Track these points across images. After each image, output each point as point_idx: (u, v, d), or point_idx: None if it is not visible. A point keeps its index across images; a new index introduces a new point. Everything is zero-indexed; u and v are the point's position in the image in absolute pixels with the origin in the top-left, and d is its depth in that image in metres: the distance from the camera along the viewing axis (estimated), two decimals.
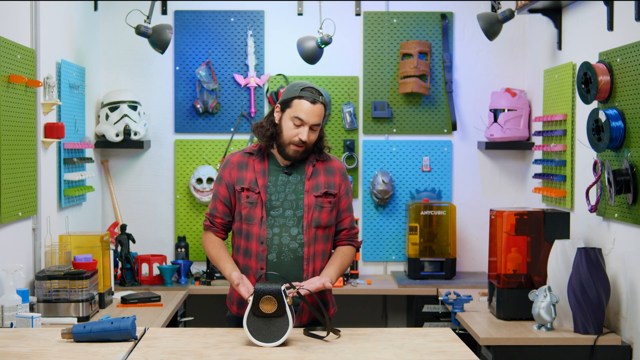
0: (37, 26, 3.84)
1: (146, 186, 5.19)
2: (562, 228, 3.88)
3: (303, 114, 3.12)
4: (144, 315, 3.90)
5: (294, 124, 3.13)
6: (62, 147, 4.23)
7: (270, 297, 2.75)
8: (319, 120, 3.14)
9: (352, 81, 5.20)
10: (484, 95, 5.16)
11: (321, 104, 3.15)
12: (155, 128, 5.19)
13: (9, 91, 3.46)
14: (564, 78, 4.33)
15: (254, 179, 3.19)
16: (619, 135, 3.55)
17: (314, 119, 3.13)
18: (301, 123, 3.13)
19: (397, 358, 2.63)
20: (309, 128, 3.13)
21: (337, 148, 5.18)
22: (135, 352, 2.68)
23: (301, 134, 3.12)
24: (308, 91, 3.14)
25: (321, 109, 3.15)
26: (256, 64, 5.16)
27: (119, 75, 5.17)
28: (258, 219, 3.17)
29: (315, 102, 3.13)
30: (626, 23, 3.60)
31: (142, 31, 4.51)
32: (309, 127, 3.13)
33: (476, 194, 5.23)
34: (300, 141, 3.13)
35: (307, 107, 3.12)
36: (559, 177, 4.36)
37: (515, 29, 5.15)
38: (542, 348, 3.56)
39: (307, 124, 3.12)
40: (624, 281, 3.61)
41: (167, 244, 5.21)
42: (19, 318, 3.21)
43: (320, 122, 3.16)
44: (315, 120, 3.13)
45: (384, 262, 5.24)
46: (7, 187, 3.42)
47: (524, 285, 3.86)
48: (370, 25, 5.18)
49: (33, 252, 3.83)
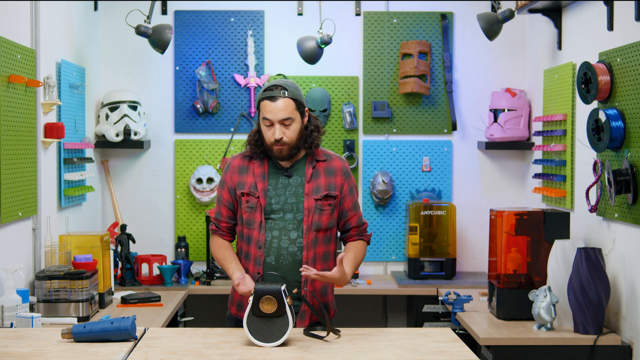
0: (37, 26, 3.84)
1: (146, 186, 5.19)
2: (562, 228, 3.88)
3: (267, 114, 3.14)
4: (144, 315, 3.90)
5: (265, 125, 3.16)
6: (62, 147, 4.23)
7: (270, 297, 2.75)
8: (286, 115, 3.13)
9: (352, 81, 5.20)
10: (484, 95, 5.16)
11: (285, 97, 3.13)
12: (155, 128, 5.19)
13: (9, 91, 3.46)
14: (564, 78, 4.33)
15: (254, 183, 3.20)
16: (619, 135, 3.55)
17: (280, 115, 3.12)
18: (270, 123, 3.14)
19: (397, 358, 2.63)
20: (280, 125, 3.13)
21: (337, 148, 5.18)
22: (135, 352, 2.68)
23: (274, 132, 3.13)
24: (269, 90, 3.15)
25: (285, 102, 3.13)
26: (256, 64, 5.16)
27: (119, 75, 5.17)
28: (257, 224, 3.18)
29: (277, 98, 3.13)
30: (626, 23, 3.60)
31: (142, 31, 4.51)
32: (279, 124, 3.13)
33: (476, 194, 5.23)
34: (275, 140, 3.14)
35: (270, 106, 3.13)
36: (559, 177, 4.36)
37: (515, 29, 5.15)
38: (542, 348, 3.56)
39: (275, 122, 3.13)
40: (624, 281, 3.61)
41: (167, 244, 5.21)
42: (19, 318, 3.21)
43: (289, 116, 3.14)
44: (281, 115, 3.13)
45: (384, 262, 5.24)
46: (7, 187, 3.42)
47: (524, 285, 3.86)
48: (370, 25, 5.18)
49: (33, 252, 3.83)
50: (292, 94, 3.15)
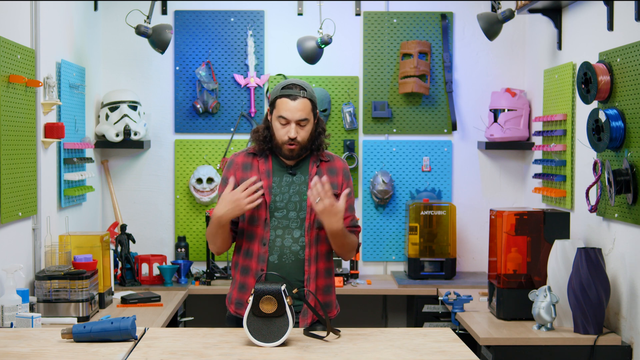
0: (37, 26, 3.84)
1: (146, 186, 5.19)
2: (562, 228, 3.88)
3: (285, 112, 3.13)
4: (144, 315, 3.90)
5: (280, 123, 3.15)
6: (62, 147, 4.23)
7: (270, 297, 2.75)
8: (303, 116, 3.14)
9: (352, 81, 5.20)
10: (484, 95, 5.16)
11: (304, 98, 3.14)
12: (155, 128, 5.19)
13: (9, 91, 3.46)
14: (564, 78, 4.33)
15: (259, 180, 3.19)
16: (619, 135, 3.55)
17: (297, 115, 3.13)
18: (286, 122, 3.14)
19: (397, 358, 2.63)
20: (296, 124, 3.13)
21: (337, 148, 5.18)
22: (135, 352, 2.68)
23: (289, 132, 3.13)
24: (288, 89, 3.14)
25: (304, 103, 3.14)
26: (256, 64, 5.16)
27: (119, 75, 5.17)
28: (262, 221, 3.18)
29: (296, 98, 3.13)
30: (626, 23, 3.60)
31: (142, 31, 4.51)
32: (295, 124, 3.13)
33: (476, 194, 5.23)
34: (290, 139, 3.14)
35: (288, 105, 3.13)
36: (559, 177, 4.36)
37: (515, 29, 5.15)
38: (542, 348, 3.56)
39: (291, 121, 3.13)
40: (624, 281, 3.61)
41: (167, 244, 5.21)
42: (19, 318, 3.21)
43: (306, 117, 3.15)
44: (299, 115, 3.13)
45: (384, 262, 5.24)
46: (7, 187, 3.42)
47: (524, 285, 3.86)
48: (370, 25, 5.18)
49: (33, 252, 3.83)
50: (310, 95, 3.16)
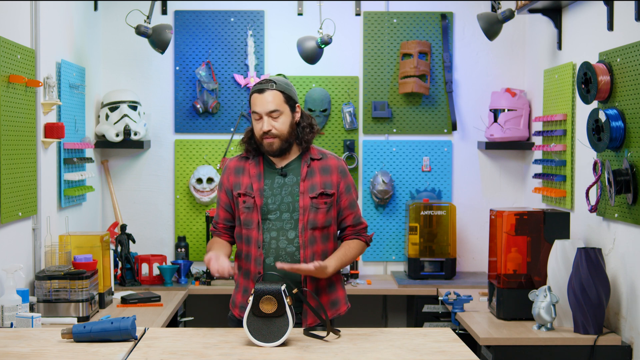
0: (37, 26, 3.84)
1: (146, 186, 5.19)
2: (562, 228, 3.88)
3: (256, 107, 3.16)
4: (144, 315, 3.90)
5: (255, 119, 3.18)
6: (62, 147, 4.23)
7: (270, 297, 2.75)
8: (273, 106, 3.14)
9: (352, 81, 5.20)
10: (484, 95, 5.16)
11: (273, 90, 3.14)
12: (155, 128, 5.19)
13: (9, 91, 3.46)
14: (564, 78, 4.33)
15: (250, 183, 3.20)
16: (619, 135, 3.55)
17: (267, 107, 3.14)
18: (259, 116, 3.16)
19: (397, 358, 2.63)
20: (268, 117, 3.14)
21: (337, 148, 5.18)
22: (135, 352, 2.68)
23: (262, 125, 3.14)
24: (259, 84, 3.17)
25: (273, 94, 3.14)
26: (256, 64, 5.16)
27: (119, 75, 5.17)
28: (255, 224, 3.18)
29: (263, 90, 3.15)
30: (626, 23, 3.60)
31: (142, 31, 4.51)
32: (266, 117, 3.14)
33: (476, 194, 5.23)
34: (264, 132, 3.14)
35: (257, 99, 3.15)
36: (559, 177, 4.36)
37: (515, 29, 5.15)
38: (542, 348, 3.56)
39: (263, 115, 3.14)
40: (624, 281, 3.61)
41: (167, 244, 5.21)
42: (19, 318, 3.21)
43: (276, 108, 3.14)
44: (268, 107, 3.14)
45: (384, 262, 5.24)
46: (7, 187, 3.42)
47: (524, 285, 3.86)
48: (370, 25, 5.18)
49: (33, 252, 3.83)
50: (281, 87, 3.16)
